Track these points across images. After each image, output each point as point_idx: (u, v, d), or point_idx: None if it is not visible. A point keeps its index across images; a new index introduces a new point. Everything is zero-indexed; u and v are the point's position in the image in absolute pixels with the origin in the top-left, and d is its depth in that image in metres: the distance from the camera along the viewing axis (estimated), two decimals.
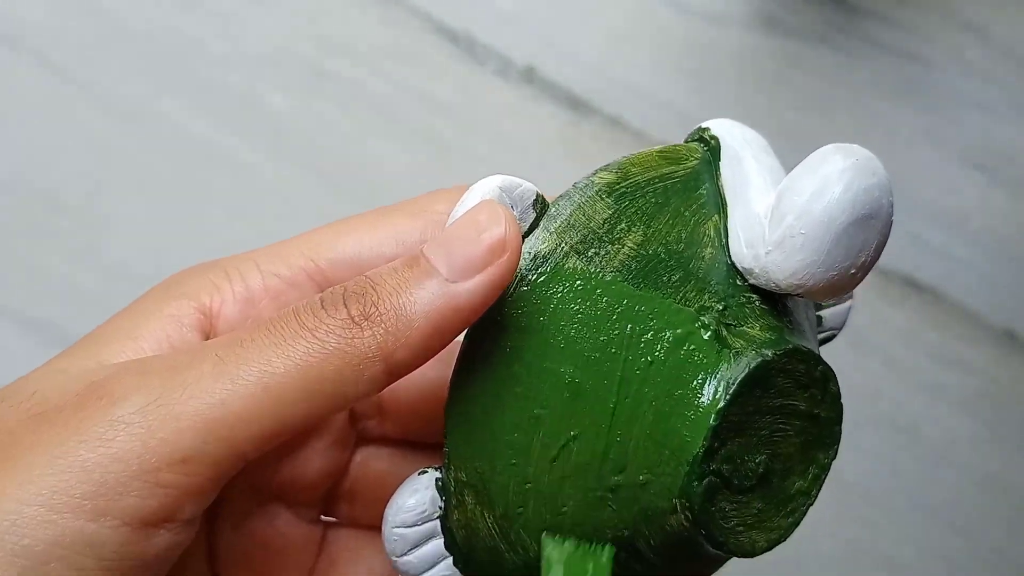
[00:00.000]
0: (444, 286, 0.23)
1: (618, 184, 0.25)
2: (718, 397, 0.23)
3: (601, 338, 0.24)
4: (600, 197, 0.25)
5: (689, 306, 0.24)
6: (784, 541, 0.25)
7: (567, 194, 0.25)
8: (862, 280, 0.24)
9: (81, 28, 0.48)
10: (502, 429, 0.25)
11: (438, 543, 0.26)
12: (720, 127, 0.26)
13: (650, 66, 0.49)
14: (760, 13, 0.49)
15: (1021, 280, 0.48)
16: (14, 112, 0.48)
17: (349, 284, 0.23)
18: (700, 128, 0.26)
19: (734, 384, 0.23)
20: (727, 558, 0.26)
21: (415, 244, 0.26)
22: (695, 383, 0.23)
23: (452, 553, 0.26)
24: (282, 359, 0.22)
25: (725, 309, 0.24)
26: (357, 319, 0.23)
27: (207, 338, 0.26)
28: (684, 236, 0.25)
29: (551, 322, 0.24)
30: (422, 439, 0.30)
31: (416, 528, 0.26)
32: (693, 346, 0.24)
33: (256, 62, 0.48)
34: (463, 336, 0.25)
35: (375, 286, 0.23)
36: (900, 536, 0.48)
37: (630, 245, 0.24)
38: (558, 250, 0.24)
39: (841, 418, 0.25)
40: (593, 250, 0.24)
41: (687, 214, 0.25)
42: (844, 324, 0.29)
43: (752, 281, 0.25)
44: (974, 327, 0.48)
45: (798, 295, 0.24)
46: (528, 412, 0.24)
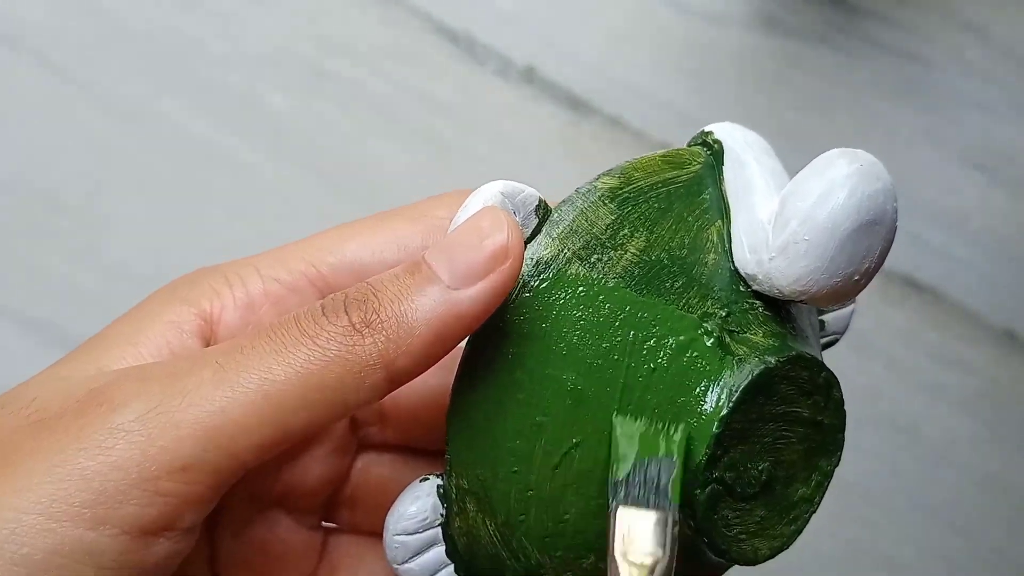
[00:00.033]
0: (446, 293, 0.22)
1: (621, 189, 0.24)
2: (721, 404, 0.23)
3: (604, 345, 0.24)
4: (603, 202, 0.24)
5: (692, 312, 0.24)
6: (787, 548, 0.25)
7: (569, 199, 0.24)
8: (866, 286, 0.24)
9: (81, 28, 0.48)
10: (504, 436, 0.24)
11: (439, 550, 0.26)
12: (723, 131, 0.26)
13: (650, 66, 0.49)
14: (760, 13, 0.49)
15: (1021, 280, 0.48)
16: (14, 112, 0.48)
17: (350, 291, 0.23)
18: (703, 132, 0.26)
19: (737, 391, 0.23)
20: (729, 565, 0.26)
21: (417, 249, 0.26)
22: (698, 390, 0.23)
23: (453, 561, 0.26)
24: (283, 366, 0.22)
25: (728, 315, 0.24)
26: (358, 326, 0.22)
27: (208, 344, 0.26)
28: (687, 242, 0.25)
29: (553, 329, 0.24)
30: (423, 446, 0.29)
31: (417, 535, 0.26)
32: (696, 353, 0.24)
33: (256, 62, 0.48)
34: (465, 343, 0.25)
35: (376, 293, 0.23)
36: (900, 536, 0.48)
37: (633, 251, 0.24)
38: (560, 256, 0.24)
39: (844, 425, 0.25)
40: (596, 256, 0.24)
41: (690, 219, 0.25)
42: (847, 329, 0.28)
43: (755, 287, 0.24)
44: (974, 327, 0.48)
45: (801, 301, 0.24)
46: (530, 419, 0.24)
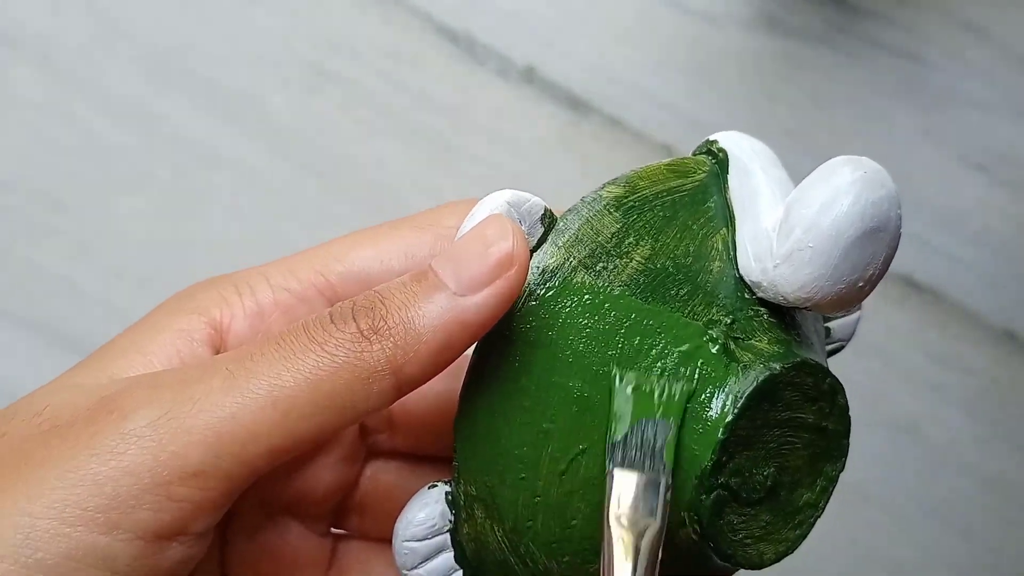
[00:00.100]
0: (452, 300, 0.23)
1: (626, 198, 0.25)
2: (726, 411, 0.23)
3: (609, 352, 0.24)
4: (608, 211, 0.24)
5: (697, 320, 0.24)
6: (792, 553, 0.25)
7: (575, 208, 0.25)
8: (870, 293, 0.24)
9: (81, 28, 0.48)
10: (511, 443, 0.24)
11: (448, 556, 0.26)
12: (728, 139, 0.26)
13: (650, 66, 0.49)
14: (760, 13, 0.49)
15: (1021, 280, 0.48)
16: (14, 112, 0.48)
17: (358, 299, 0.23)
18: (708, 141, 0.26)
19: (742, 398, 0.23)
20: (735, 570, 0.26)
21: (424, 258, 0.26)
22: (703, 396, 0.23)
23: (462, 567, 0.26)
24: (292, 373, 0.22)
25: (733, 323, 0.24)
26: (366, 333, 0.22)
27: (217, 352, 0.26)
28: (692, 250, 0.25)
29: (560, 336, 0.24)
30: (432, 453, 0.29)
31: (426, 542, 0.26)
32: (701, 360, 0.24)
33: (256, 62, 0.48)
34: (472, 350, 0.25)
35: (384, 300, 0.23)
36: (901, 536, 0.48)
37: (638, 259, 0.24)
38: (566, 264, 0.24)
39: (849, 431, 0.25)
40: (601, 264, 0.24)
41: (695, 227, 0.25)
42: (852, 336, 0.28)
43: (760, 294, 0.25)
44: (974, 327, 0.48)
45: (806, 308, 0.24)
46: (537, 426, 0.24)
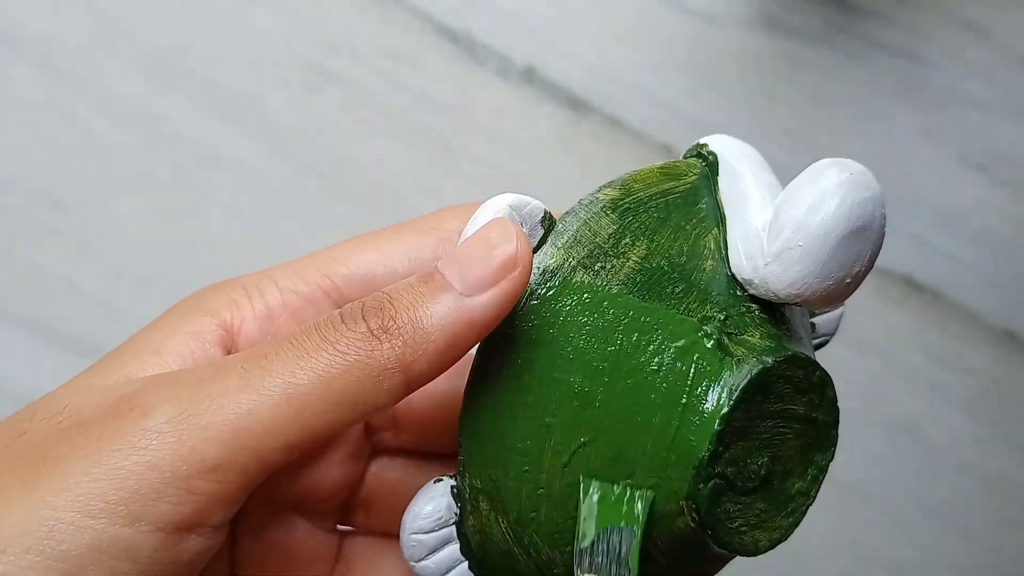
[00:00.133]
0: (459, 300, 0.23)
1: (622, 200, 0.26)
2: (722, 403, 0.24)
3: (609, 348, 0.25)
4: (605, 213, 0.25)
5: (692, 316, 0.25)
6: (785, 540, 0.25)
7: (573, 210, 0.25)
8: (856, 289, 0.25)
9: (81, 28, 0.48)
10: (515, 437, 0.25)
11: (454, 548, 0.27)
12: (717, 143, 0.27)
13: (650, 66, 0.49)
14: (760, 13, 0.49)
15: (1021, 280, 0.48)
16: (14, 112, 0.48)
17: (367, 299, 0.24)
18: (698, 144, 0.27)
19: (737, 390, 0.24)
20: (731, 557, 0.27)
21: (427, 261, 0.27)
22: (699, 390, 0.24)
23: (468, 558, 0.27)
24: (305, 371, 0.23)
25: (726, 319, 0.25)
26: (376, 332, 0.23)
27: (228, 353, 0.27)
28: (686, 249, 0.26)
29: (560, 334, 0.25)
30: (436, 450, 0.30)
31: (433, 534, 0.27)
32: (697, 354, 0.24)
33: (256, 62, 0.48)
34: (476, 349, 0.25)
35: (392, 300, 0.24)
36: (901, 536, 0.48)
37: (635, 259, 0.25)
38: (566, 265, 0.25)
39: (838, 421, 0.26)
40: (599, 264, 0.25)
41: (688, 228, 0.26)
42: (836, 331, 0.29)
43: (751, 291, 0.25)
44: (974, 327, 0.48)
45: (795, 304, 0.25)
46: (539, 420, 0.25)
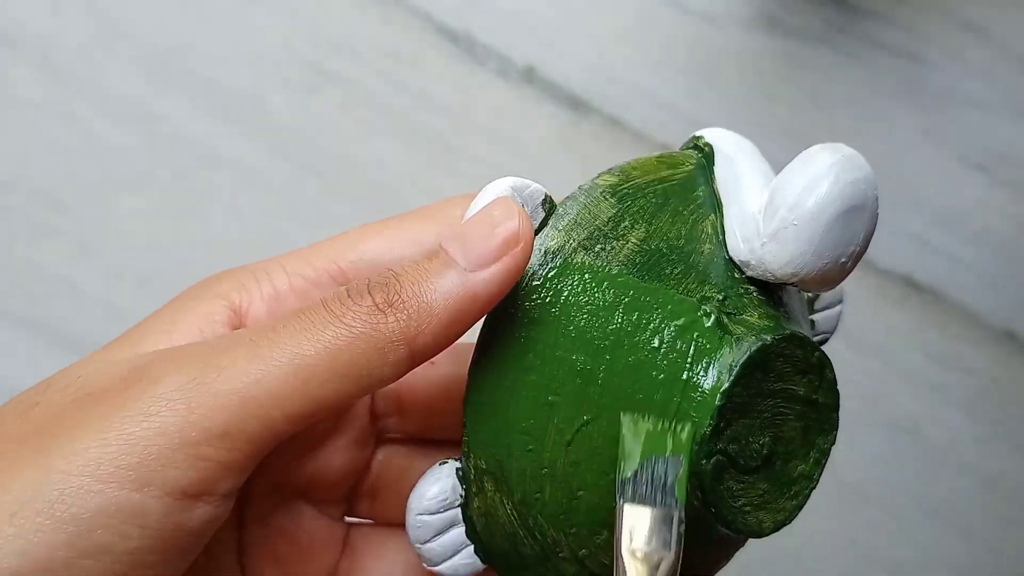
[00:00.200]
0: (463, 275, 0.24)
1: (620, 186, 0.26)
2: (722, 379, 0.24)
3: (610, 327, 0.25)
4: (604, 197, 0.26)
5: (691, 296, 0.25)
6: (789, 523, 0.26)
7: (573, 195, 0.26)
8: (852, 270, 0.26)
9: (81, 28, 0.48)
10: (518, 416, 0.26)
11: (459, 532, 0.27)
12: (713, 134, 0.28)
13: (650, 66, 0.49)
14: (760, 13, 0.49)
15: (1021, 280, 0.48)
16: (14, 112, 0.48)
17: (373, 276, 0.25)
18: (694, 136, 0.28)
19: (737, 366, 0.24)
20: (737, 546, 0.27)
21: (432, 246, 0.28)
22: (699, 367, 0.25)
23: (473, 541, 0.27)
24: (312, 343, 0.23)
25: (725, 299, 0.26)
26: (381, 306, 0.24)
27: None
28: (684, 233, 0.26)
29: (562, 313, 0.25)
30: (442, 436, 0.31)
31: (439, 515, 0.27)
32: (697, 332, 0.25)
33: (256, 62, 0.48)
34: (480, 330, 0.26)
35: (398, 277, 0.24)
36: (901, 536, 0.48)
37: (634, 241, 0.26)
38: (567, 246, 0.26)
39: (838, 405, 0.26)
40: (599, 246, 0.26)
41: (685, 213, 0.26)
42: (835, 328, 0.30)
43: (749, 273, 0.26)
44: (974, 327, 0.48)
45: (793, 284, 0.25)
46: (542, 399, 0.25)
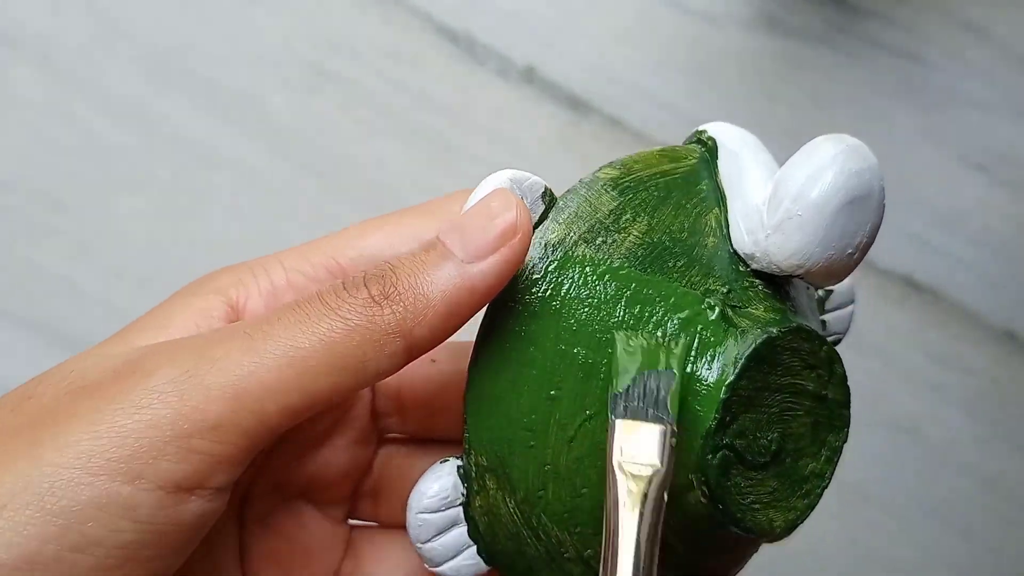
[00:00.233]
0: (460, 267, 0.24)
1: (622, 179, 0.26)
2: (727, 371, 0.24)
3: (612, 320, 0.25)
4: (605, 190, 0.26)
5: (695, 289, 0.25)
6: (801, 523, 0.25)
7: (573, 188, 0.26)
8: (859, 262, 0.25)
9: (81, 28, 0.48)
10: (520, 411, 0.25)
11: (461, 531, 0.27)
12: (716, 129, 0.27)
13: (650, 66, 0.49)
14: (760, 13, 0.49)
15: (1021, 280, 0.48)
16: (14, 112, 0.48)
17: (370, 269, 0.24)
18: (697, 131, 0.28)
19: (742, 359, 0.24)
20: (750, 551, 0.26)
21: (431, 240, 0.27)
22: (704, 360, 0.24)
23: (475, 541, 0.27)
24: (307, 335, 0.23)
25: (730, 292, 0.25)
26: (377, 298, 0.23)
27: None
28: (687, 226, 0.26)
29: (563, 306, 0.25)
30: (443, 436, 0.30)
31: (440, 514, 0.26)
32: (700, 325, 0.25)
33: (256, 62, 0.48)
34: (479, 325, 0.26)
35: (394, 269, 0.24)
36: (901, 536, 0.48)
37: (636, 234, 0.25)
38: (567, 239, 0.25)
39: (849, 401, 0.25)
40: (600, 239, 0.25)
41: (688, 206, 0.26)
42: (848, 329, 0.29)
43: (754, 266, 0.26)
44: (974, 327, 0.48)
45: (799, 276, 0.25)
46: (544, 393, 0.25)
